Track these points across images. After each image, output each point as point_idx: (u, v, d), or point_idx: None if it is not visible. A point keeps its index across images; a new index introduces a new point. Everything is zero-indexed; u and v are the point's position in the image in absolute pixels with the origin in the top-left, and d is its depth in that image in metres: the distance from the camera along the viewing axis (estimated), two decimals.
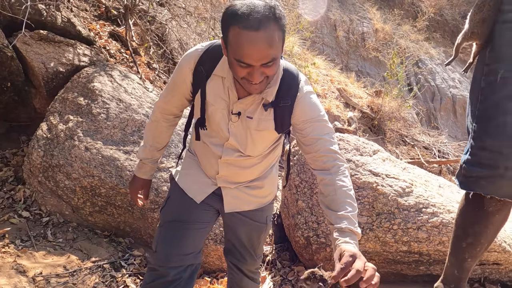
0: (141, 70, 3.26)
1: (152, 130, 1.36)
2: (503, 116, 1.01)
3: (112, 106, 2.28)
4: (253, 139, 1.15)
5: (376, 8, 9.55)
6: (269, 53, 0.91)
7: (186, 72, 1.15)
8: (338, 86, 6.83)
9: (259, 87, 1.00)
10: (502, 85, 1.03)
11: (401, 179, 2.06)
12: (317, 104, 1.10)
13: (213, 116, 1.15)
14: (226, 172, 1.23)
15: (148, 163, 1.39)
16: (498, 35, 1.08)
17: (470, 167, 1.08)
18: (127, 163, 2.09)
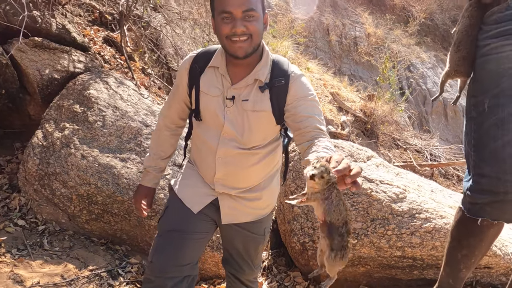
0: (136, 76, 3.27)
1: (155, 138, 1.41)
2: (494, 143, 1.06)
3: (108, 114, 2.29)
4: (249, 123, 1.17)
5: (368, 13, 9.68)
6: (246, 1, 1.04)
7: (183, 74, 1.25)
8: (331, 90, 6.89)
9: (244, 46, 1.08)
10: (490, 114, 1.08)
11: (395, 185, 2.10)
12: (310, 85, 1.18)
13: (208, 106, 1.19)
14: (224, 172, 1.22)
15: (152, 171, 1.42)
16: (479, 69, 1.14)
17: (474, 195, 1.13)
18: (124, 170, 2.10)
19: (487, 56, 1.12)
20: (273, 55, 1.22)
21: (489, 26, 1.13)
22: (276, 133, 1.25)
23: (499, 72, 1.08)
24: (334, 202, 0.86)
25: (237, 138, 1.19)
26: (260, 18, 1.10)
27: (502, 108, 1.06)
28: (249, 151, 1.21)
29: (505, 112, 1.05)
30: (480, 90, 1.13)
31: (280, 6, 8.06)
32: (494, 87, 1.08)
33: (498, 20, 1.10)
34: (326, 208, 0.87)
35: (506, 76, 1.06)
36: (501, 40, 1.08)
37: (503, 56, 1.08)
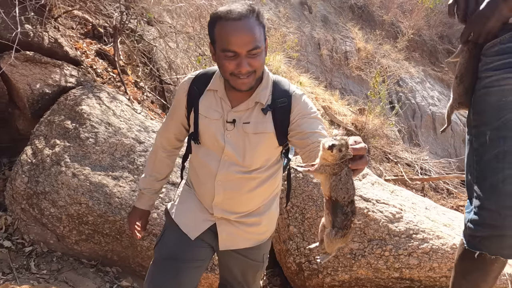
0: (129, 91, 3.23)
1: (151, 159, 1.39)
2: (495, 176, 1.05)
3: (101, 130, 2.24)
4: (251, 145, 1.15)
5: (358, 28, 9.87)
6: (252, 39, 1.02)
7: (182, 96, 1.24)
8: (323, 104, 6.95)
9: (248, 81, 1.07)
10: (491, 146, 1.07)
11: (391, 204, 2.10)
12: (312, 104, 1.19)
13: (207, 129, 1.18)
14: (223, 196, 1.19)
15: (147, 194, 1.39)
16: (480, 100, 1.14)
17: (475, 227, 1.11)
18: (116, 189, 2.04)
19: (488, 88, 1.11)
20: (273, 75, 1.22)
21: (490, 58, 1.12)
22: (277, 155, 1.23)
23: (501, 104, 1.07)
24: (343, 179, 0.85)
25: (238, 162, 1.17)
26: (263, 50, 1.09)
27: (504, 141, 1.05)
28: (249, 175, 1.18)
29: (507, 145, 1.05)
30: (481, 121, 1.13)
31: (272, 20, 8.16)
32: (495, 119, 1.08)
33: (500, 52, 1.10)
34: (333, 184, 0.85)
35: (508, 109, 1.06)
36: (504, 73, 1.08)
37: (506, 89, 1.07)
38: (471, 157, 1.15)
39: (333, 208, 0.88)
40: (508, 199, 1.04)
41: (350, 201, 0.86)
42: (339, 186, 0.85)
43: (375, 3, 10.83)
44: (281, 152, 1.26)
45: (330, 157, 0.83)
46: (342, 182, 0.84)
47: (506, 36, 1.09)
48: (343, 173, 0.84)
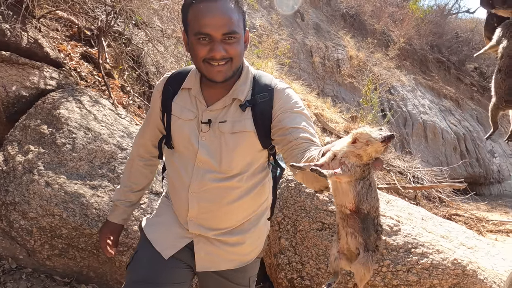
0: (113, 95, 3.09)
1: (127, 169, 1.28)
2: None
3: (79, 136, 2.09)
4: (228, 147, 1.02)
5: (350, 36, 9.90)
6: (227, 22, 0.92)
7: (156, 98, 1.14)
8: (315, 111, 6.88)
9: (223, 69, 0.96)
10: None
11: (388, 216, 1.99)
12: (297, 97, 1.05)
13: (181, 131, 1.06)
14: (198, 210, 1.05)
15: (121, 206, 1.26)
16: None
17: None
18: (94, 199, 1.89)
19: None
20: (255, 70, 1.09)
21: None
22: (262, 160, 1.09)
23: None
24: (373, 185, 0.67)
25: (214, 167, 1.03)
26: (241, 38, 0.98)
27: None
28: (229, 183, 1.04)
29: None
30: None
31: (264, 27, 8.11)
32: None
33: None
34: (362, 191, 0.66)
35: None
36: None
37: None
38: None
39: (363, 224, 0.68)
40: None
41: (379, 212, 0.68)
42: (370, 193, 0.66)
43: (367, 12, 10.91)
44: (268, 159, 1.13)
45: (373, 152, 0.65)
46: (373, 188, 0.67)
47: None
48: (371, 177, 0.67)
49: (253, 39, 6.93)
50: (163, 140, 1.14)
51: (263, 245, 1.21)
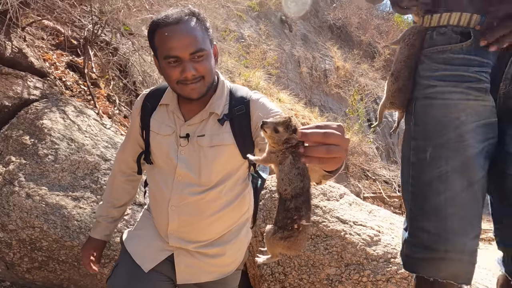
0: (99, 105, 3.08)
1: (110, 184, 1.29)
2: (437, 197, 0.98)
3: (62, 147, 2.08)
4: (207, 160, 1.04)
5: (337, 47, 10.09)
6: (193, 41, 0.96)
7: (135, 115, 1.17)
8: (303, 121, 6.96)
9: (197, 87, 0.99)
10: (432, 165, 0.99)
11: (369, 226, 2.03)
12: (272, 105, 1.09)
13: (159, 146, 1.09)
14: (178, 223, 1.07)
15: (103, 222, 1.27)
16: (421, 111, 1.04)
17: (413, 248, 1.03)
18: (76, 211, 1.88)
19: (432, 100, 1.02)
20: (231, 84, 1.13)
21: (436, 65, 1.03)
22: (242, 171, 1.11)
23: (445, 121, 0.99)
24: (286, 169, 0.70)
25: (193, 180, 1.05)
26: (210, 54, 1.01)
27: (446, 161, 0.98)
28: (209, 195, 1.06)
29: (449, 166, 0.97)
30: (422, 135, 1.03)
31: (252, 37, 8.21)
32: (438, 136, 0.99)
33: (449, 62, 1.01)
34: (280, 176, 0.71)
35: (451, 127, 0.98)
36: (450, 86, 1.00)
37: (450, 104, 0.99)
38: (407, 172, 1.06)
39: (278, 203, 0.75)
40: (448, 223, 0.97)
41: (293, 195, 0.71)
42: (281, 176, 0.71)
43: (353, 24, 11.15)
44: (248, 169, 1.15)
45: (269, 139, 0.71)
46: (285, 171, 0.70)
47: (458, 45, 1.00)
48: (287, 162, 0.70)
49: (241, 49, 7.00)
50: (141, 155, 1.15)
51: (244, 257, 1.22)
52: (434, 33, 1.04)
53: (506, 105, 1.00)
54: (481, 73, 0.99)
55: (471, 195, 0.98)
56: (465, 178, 0.97)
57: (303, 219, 0.72)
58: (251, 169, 1.17)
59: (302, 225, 0.72)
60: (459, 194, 0.97)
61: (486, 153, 1.00)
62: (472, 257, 1.00)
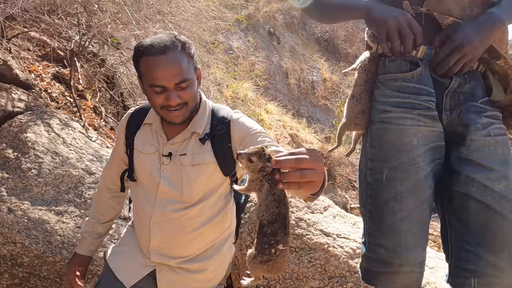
0: (84, 117, 3.07)
1: (95, 201, 1.31)
2: (393, 216, 1.05)
3: (46, 161, 2.07)
4: (188, 178, 1.07)
5: (324, 59, 10.29)
6: (178, 72, 0.98)
7: (120, 133, 1.20)
8: (290, 132, 7.03)
9: (180, 113, 1.02)
10: (388, 186, 1.06)
11: (352, 238, 2.06)
12: (253, 122, 1.12)
13: (143, 164, 1.12)
14: (160, 239, 1.09)
15: (89, 238, 1.28)
16: (377, 134, 1.10)
17: (371, 262, 1.11)
18: (58, 226, 1.86)
19: (387, 124, 1.08)
20: (213, 104, 1.17)
21: (390, 91, 1.09)
22: (224, 188, 1.14)
23: (399, 145, 1.06)
24: (263, 195, 0.75)
25: (176, 197, 1.08)
26: (194, 81, 1.04)
27: (401, 183, 1.04)
28: (191, 212, 1.08)
29: (404, 187, 1.04)
30: (378, 157, 1.09)
31: (241, 49, 8.31)
32: (393, 159, 1.06)
33: (401, 90, 1.08)
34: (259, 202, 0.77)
35: (405, 151, 1.05)
36: (403, 112, 1.06)
37: (404, 129, 1.06)
38: (364, 189, 1.12)
39: (258, 228, 0.80)
40: (403, 239, 1.04)
41: (270, 221, 0.75)
42: (259, 202, 0.76)
43: (340, 37, 11.40)
44: (230, 185, 1.18)
45: (245, 169, 0.76)
46: (262, 198, 0.76)
47: (409, 74, 1.07)
48: (264, 189, 0.75)
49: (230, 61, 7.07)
50: (125, 173, 1.17)
51: (226, 272, 1.24)
52: (387, 60, 1.11)
53: (450, 130, 1.08)
54: (429, 102, 1.07)
55: (421, 213, 1.06)
56: (417, 198, 1.05)
57: (280, 243, 0.76)
58: (232, 185, 1.19)
59: (278, 249, 0.76)
60: (412, 212, 1.05)
61: (433, 174, 1.08)
62: (421, 267, 1.08)
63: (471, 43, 1.00)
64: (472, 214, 1.03)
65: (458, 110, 1.09)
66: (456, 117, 1.09)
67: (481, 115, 1.07)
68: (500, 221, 1.02)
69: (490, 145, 1.06)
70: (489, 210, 1.02)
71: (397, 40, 1.01)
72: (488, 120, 1.08)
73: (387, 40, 1.03)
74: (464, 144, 1.07)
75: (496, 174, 1.04)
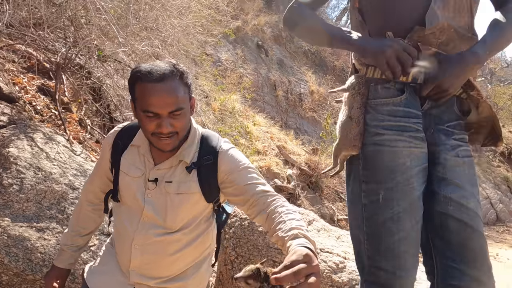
0: (69, 130, 3.05)
1: (76, 213, 1.30)
2: (391, 237, 1.07)
3: (28, 176, 2.05)
4: (173, 206, 1.08)
5: (311, 72, 10.45)
6: (174, 101, 0.98)
7: (106, 150, 1.19)
8: (278, 143, 7.08)
9: (170, 142, 1.02)
10: (385, 207, 1.08)
11: (335, 253, 2.09)
12: (241, 156, 1.12)
13: (128, 187, 1.11)
14: (140, 261, 1.09)
15: (68, 250, 1.27)
16: (371, 156, 1.12)
17: (371, 286, 1.12)
18: (40, 243, 1.83)
19: (380, 146, 1.11)
20: (203, 130, 1.17)
21: (381, 115, 1.13)
22: (207, 212, 1.16)
23: (394, 166, 1.08)
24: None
25: (159, 222, 1.09)
26: (187, 110, 1.05)
27: (397, 203, 1.07)
28: (172, 237, 1.10)
29: (401, 207, 1.07)
30: (373, 179, 1.11)
31: (229, 61, 8.39)
32: (389, 180, 1.08)
33: (392, 113, 1.11)
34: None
35: (399, 172, 1.08)
36: (395, 135, 1.10)
37: (397, 151, 1.09)
38: (359, 212, 1.13)
39: None
40: (402, 260, 1.06)
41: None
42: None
43: (327, 50, 11.62)
44: (213, 209, 1.19)
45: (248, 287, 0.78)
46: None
47: (398, 99, 1.12)
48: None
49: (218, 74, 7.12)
50: (109, 194, 1.17)
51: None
52: (379, 86, 1.15)
53: (430, 151, 1.13)
54: (418, 124, 1.11)
55: (417, 233, 1.09)
56: (413, 217, 1.08)
57: None
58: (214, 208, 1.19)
59: None
60: (410, 233, 1.07)
61: (422, 194, 1.11)
62: (414, 284, 1.10)
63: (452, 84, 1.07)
64: (452, 232, 1.08)
65: (431, 130, 1.15)
66: (430, 137, 1.14)
67: (449, 137, 1.13)
68: (477, 238, 1.08)
69: (460, 165, 1.12)
70: (467, 228, 1.08)
71: (398, 66, 1.06)
72: (456, 142, 1.13)
73: (388, 68, 1.07)
74: (439, 163, 1.12)
75: (467, 192, 1.10)
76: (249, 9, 9.91)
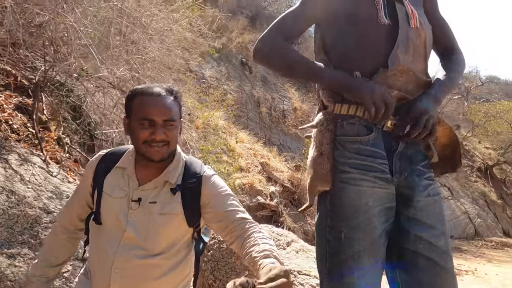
0: (46, 150, 2.99)
1: (49, 242, 1.27)
2: (351, 274, 1.09)
3: (1, 200, 2.00)
4: (155, 226, 1.09)
5: (294, 89, 10.64)
6: (168, 112, 1.09)
7: (88, 174, 1.19)
8: (261, 160, 7.11)
9: (161, 151, 1.08)
10: (347, 245, 1.10)
11: (313, 275, 2.10)
12: (222, 183, 1.18)
13: (110, 208, 1.12)
14: (120, 285, 1.08)
15: (36, 282, 1.22)
16: (337, 194, 1.13)
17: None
18: (10, 270, 1.78)
19: (345, 184, 1.13)
20: (186, 156, 1.22)
21: (348, 153, 1.15)
22: (186, 238, 1.17)
23: (357, 205, 1.11)
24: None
25: (139, 244, 1.09)
26: (178, 127, 1.13)
27: (358, 242, 1.09)
28: (153, 261, 1.10)
29: (361, 246, 1.09)
30: (337, 216, 1.13)
31: (213, 78, 8.46)
32: (352, 219, 1.10)
33: (359, 152, 1.14)
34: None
35: (362, 211, 1.10)
36: (360, 174, 1.12)
37: (361, 190, 1.11)
38: (323, 246, 1.15)
39: None
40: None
41: None
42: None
43: None
44: (193, 235, 1.21)
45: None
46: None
47: (366, 138, 1.15)
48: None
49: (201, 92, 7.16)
50: (91, 216, 1.16)
51: None
52: (345, 122, 1.17)
53: (399, 192, 1.16)
54: (383, 165, 1.14)
55: (377, 270, 1.12)
56: (373, 256, 1.11)
57: None
58: (194, 234, 1.21)
59: None
60: (369, 271, 1.10)
61: (386, 233, 1.14)
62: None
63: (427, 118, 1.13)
64: (421, 269, 1.12)
65: (405, 173, 1.18)
66: (403, 179, 1.17)
67: (421, 177, 1.18)
68: (445, 275, 1.12)
69: (430, 204, 1.16)
70: (436, 266, 1.12)
71: (383, 108, 1.10)
72: (427, 181, 1.18)
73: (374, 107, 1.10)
74: (411, 205, 1.16)
75: (437, 231, 1.15)
76: (234, 27, 10.10)
